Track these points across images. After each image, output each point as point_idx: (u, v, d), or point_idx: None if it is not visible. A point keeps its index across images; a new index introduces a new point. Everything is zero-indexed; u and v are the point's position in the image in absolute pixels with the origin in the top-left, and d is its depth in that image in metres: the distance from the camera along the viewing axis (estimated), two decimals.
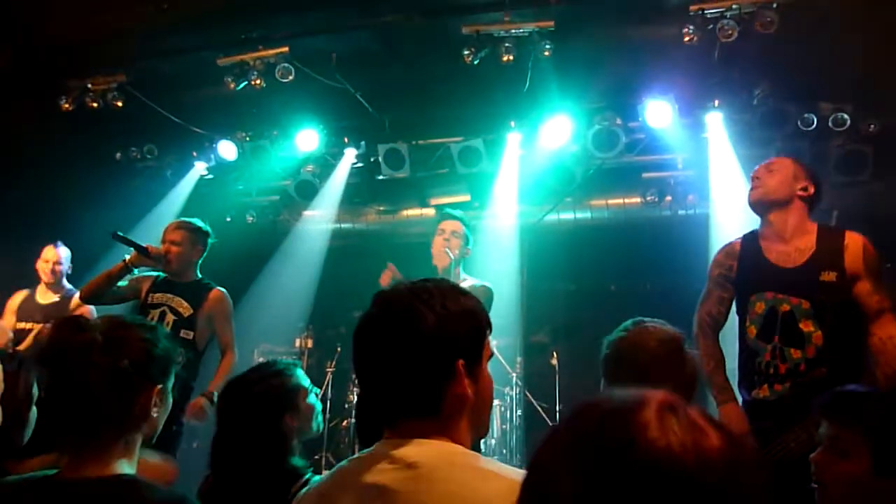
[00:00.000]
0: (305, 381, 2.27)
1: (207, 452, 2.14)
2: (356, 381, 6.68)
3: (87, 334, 1.49)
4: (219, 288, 4.12)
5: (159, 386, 1.55)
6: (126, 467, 1.49)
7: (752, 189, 2.95)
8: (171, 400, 1.62)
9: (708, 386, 2.89)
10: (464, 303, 1.35)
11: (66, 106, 5.50)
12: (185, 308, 4.00)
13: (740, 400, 2.85)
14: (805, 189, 2.88)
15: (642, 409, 0.72)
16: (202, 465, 2.19)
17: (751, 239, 2.98)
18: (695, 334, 2.96)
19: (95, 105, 5.50)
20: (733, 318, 3.01)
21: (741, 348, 2.91)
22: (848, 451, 1.76)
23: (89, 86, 5.50)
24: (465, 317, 1.33)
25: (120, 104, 5.50)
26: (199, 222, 4.21)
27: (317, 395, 2.33)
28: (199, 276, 4.19)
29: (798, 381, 2.69)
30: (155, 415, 1.55)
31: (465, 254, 4.05)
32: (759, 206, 2.94)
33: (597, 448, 0.71)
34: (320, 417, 2.32)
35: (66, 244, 5.09)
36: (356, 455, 1.35)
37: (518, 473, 1.17)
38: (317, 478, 1.82)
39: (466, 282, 3.85)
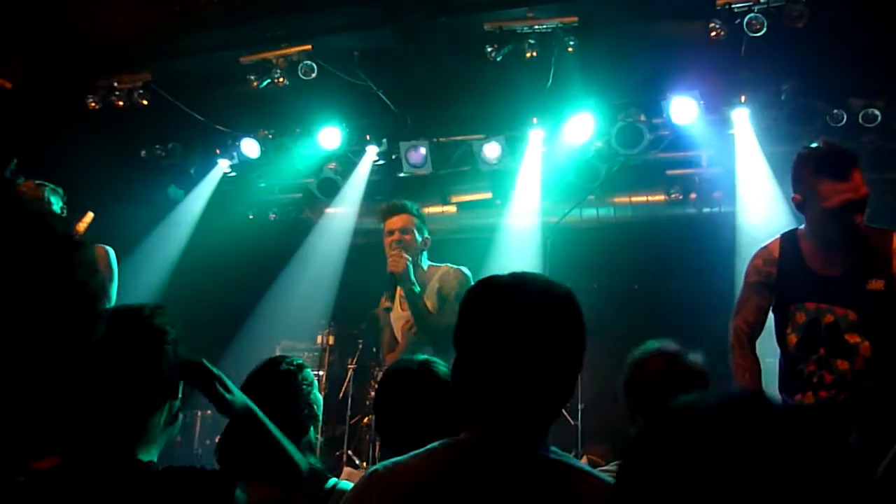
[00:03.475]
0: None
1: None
2: (378, 378, 6.65)
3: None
4: None
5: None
6: None
7: None
8: None
9: None
10: None
11: (93, 105, 5.58)
12: None
13: None
14: None
15: None
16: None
17: (790, 241, 2.77)
18: (731, 343, 2.76)
19: (121, 104, 5.58)
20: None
21: (781, 352, 2.76)
22: None
23: (115, 84, 5.57)
24: None
25: (145, 103, 5.58)
26: None
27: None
28: None
29: (845, 392, 2.55)
30: None
31: (425, 246, 3.67)
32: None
33: None
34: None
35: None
36: (454, 447, 1.26)
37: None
38: (344, 483, 1.77)
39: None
